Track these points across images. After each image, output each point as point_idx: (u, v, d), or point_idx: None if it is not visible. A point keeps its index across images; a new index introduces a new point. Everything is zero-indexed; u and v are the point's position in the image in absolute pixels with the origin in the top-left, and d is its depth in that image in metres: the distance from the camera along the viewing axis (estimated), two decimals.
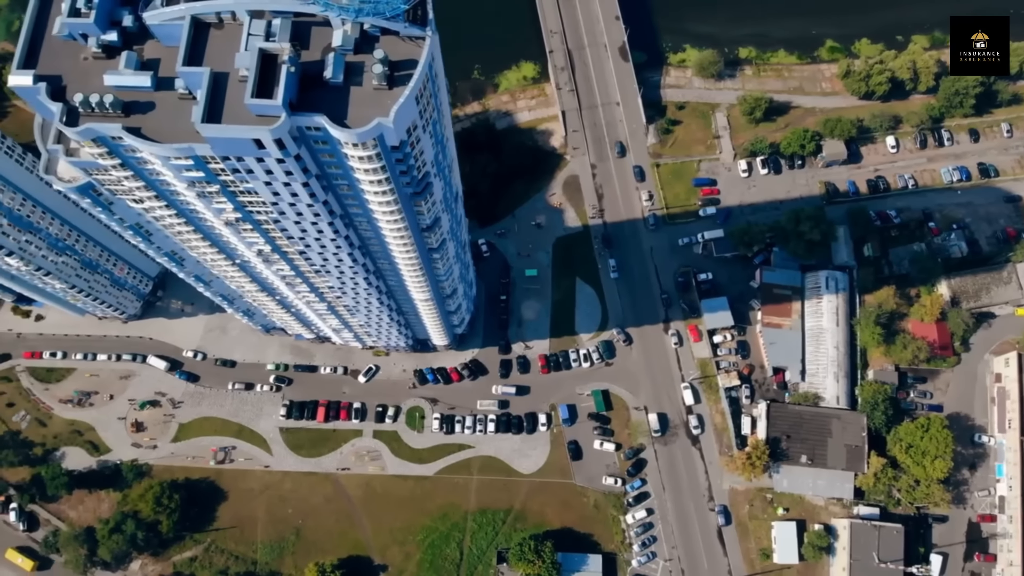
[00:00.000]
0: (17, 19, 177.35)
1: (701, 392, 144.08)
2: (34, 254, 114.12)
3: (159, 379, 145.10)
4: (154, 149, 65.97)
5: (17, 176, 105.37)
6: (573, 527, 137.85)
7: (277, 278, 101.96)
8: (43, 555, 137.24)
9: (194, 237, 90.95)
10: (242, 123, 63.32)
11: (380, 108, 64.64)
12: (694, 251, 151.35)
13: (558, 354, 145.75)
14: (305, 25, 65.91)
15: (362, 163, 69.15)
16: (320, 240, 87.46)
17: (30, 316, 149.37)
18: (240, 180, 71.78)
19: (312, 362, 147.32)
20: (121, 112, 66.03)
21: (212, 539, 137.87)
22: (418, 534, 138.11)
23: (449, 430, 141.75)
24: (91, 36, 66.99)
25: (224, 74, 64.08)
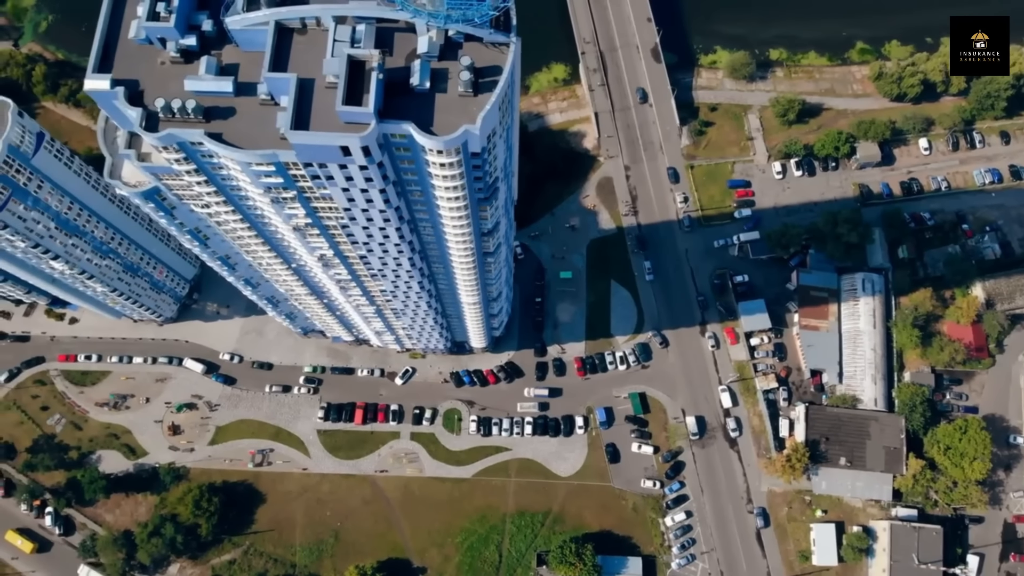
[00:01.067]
0: (44, 20, 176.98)
1: (738, 394, 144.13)
2: (79, 258, 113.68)
3: (195, 382, 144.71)
4: (236, 155, 65.65)
5: (65, 179, 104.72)
6: (612, 530, 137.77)
7: (332, 282, 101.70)
8: (43, 538, 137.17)
9: (255, 242, 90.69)
10: (330, 130, 63.11)
11: (466, 115, 64.42)
12: (730, 253, 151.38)
13: (594, 356, 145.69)
14: (387, 31, 65.64)
15: (442, 170, 68.92)
16: (384, 245, 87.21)
17: (64, 319, 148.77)
18: (318, 186, 71.56)
19: (349, 364, 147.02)
20: (202, 118, 65.80)
21: (250, 542, 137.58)
22: (457, 536, 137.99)
23: (486, 432, 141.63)
24: (169, 40, 66.72)
25: (310, 80, 63.78)
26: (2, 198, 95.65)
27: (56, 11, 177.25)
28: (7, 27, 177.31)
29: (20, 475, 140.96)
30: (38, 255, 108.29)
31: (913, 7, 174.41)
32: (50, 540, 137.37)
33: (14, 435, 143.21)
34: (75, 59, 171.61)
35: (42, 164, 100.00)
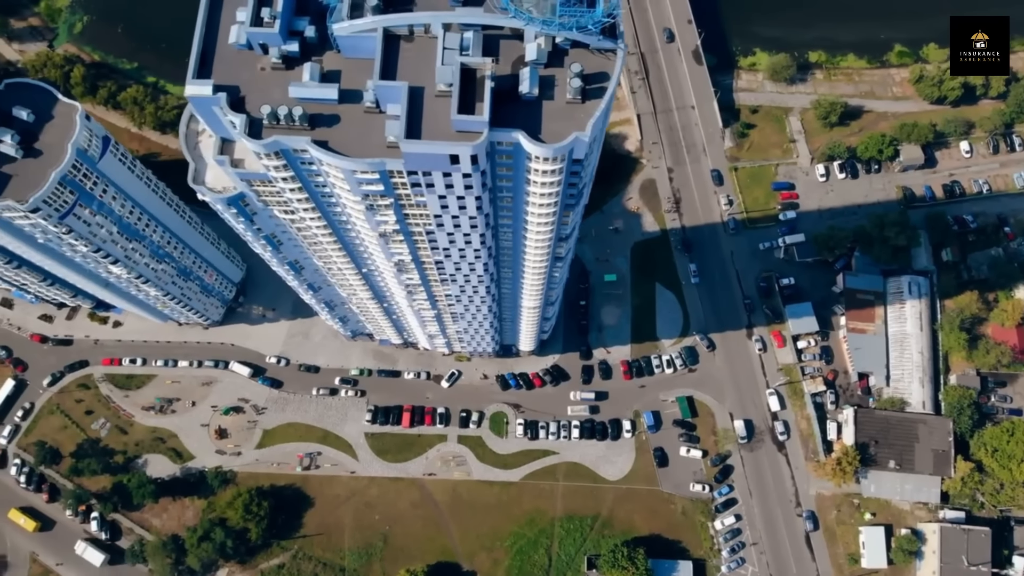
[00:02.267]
0: (78, 20, 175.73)
1: (785, 398, 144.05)
2: (137, 262, 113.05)
3: (242, 385, 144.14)
4: (343, 163, 65.18)
5: (128, 183, 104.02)
6: (661, 534, 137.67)
7: (400, 287, 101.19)
8: (46, 516, 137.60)
9: (332, 247, 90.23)
10: (441, 139, 62.73)
11: (574, 122, 64.01)
12: (775, 255, 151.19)
13: (640, 360, 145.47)
14: (493, 38, 65.28)
15: (543, 176, 68.49)
16: (463, 251, 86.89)
17: (107, 322, 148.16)
18: (416, 194, 71.10)
19: (395, 367, 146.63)
20: (308, 125, 65.36)
21: (299, 546, 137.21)
22: (506, 540, 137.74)
23: (533, 436, 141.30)
24: (271, 46, 66.21)
25: (420, 89, 63.42)
26: (69, 203, 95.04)
27: (91, 12, 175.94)
28: (41, 28, 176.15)
29: (65, 480, 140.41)
30: (98, 259, 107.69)
31: (949, 10, 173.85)
32: (52, 520, 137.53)
33: (58, 440, 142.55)
34: (112, 60, 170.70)
35: (107, 168, 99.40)
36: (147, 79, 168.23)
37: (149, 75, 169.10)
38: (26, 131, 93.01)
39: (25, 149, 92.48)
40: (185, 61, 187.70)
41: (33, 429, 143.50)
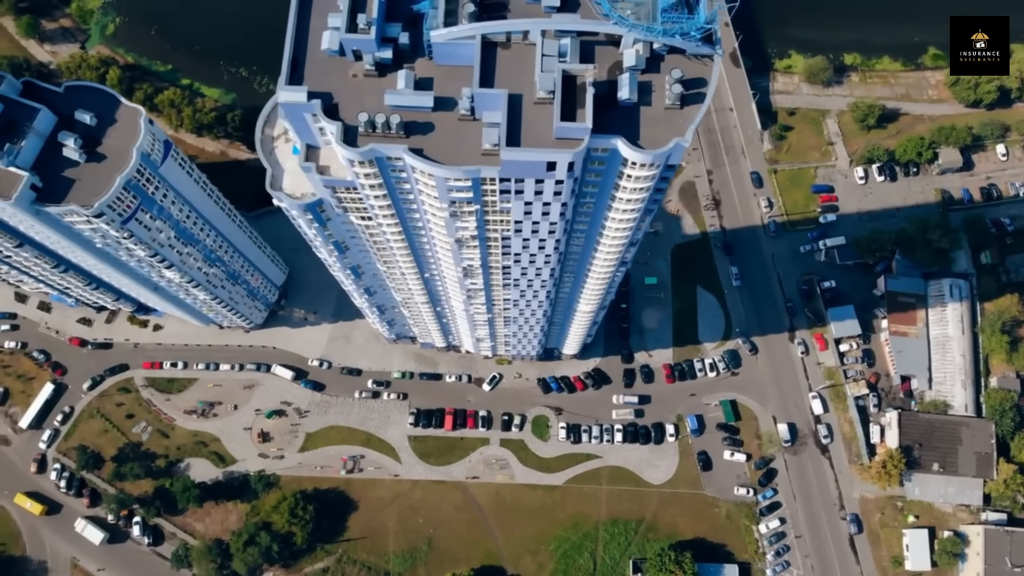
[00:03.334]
0: (111, 22, 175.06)
1: (828, 401, 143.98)
2: (191, 266, 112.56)
3: (284, 388, 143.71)
4: (439, 171, 64.91)
5: (186, 188, 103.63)
6: (706, 537, 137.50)
7: (460, 291, 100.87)
8: (52, 500, 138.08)
9: (401, 253, 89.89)
10: (540, 146, 62.54)
11: (673, 128, 63.85)
12: (816, 258, 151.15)
13: (682, 363, 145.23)
14: (588, 44, 64.99)
15: (635, 183, 68.30)
16: (534, 256, 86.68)
17: (147, 326, 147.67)
18: (504, 200, 70.84)
19: (436, 370, 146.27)
20: (403, 133, 65.08)
21: (343, 550, 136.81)
22: (550, 544, 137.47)
23: (576, 439, 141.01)
24: (365, 53, 65.90)
25: (518, 96, 63.19)
26: (131, 208, 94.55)
27: (123, 13, 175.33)
28: (73, 29, 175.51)
29: (106, 484, 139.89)
30: (153, 264, 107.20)
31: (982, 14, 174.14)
32: (59, 503, 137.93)
33: (98, 444, 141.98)
34: (145, 62, 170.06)
35: (168, 173, 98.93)
36: (181, 81, 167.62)
37: (183, 77, 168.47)
38: (88, 135, 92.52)
39: (88, 153, 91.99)
40: (218, 64, 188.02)
41: (73, 433, 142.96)
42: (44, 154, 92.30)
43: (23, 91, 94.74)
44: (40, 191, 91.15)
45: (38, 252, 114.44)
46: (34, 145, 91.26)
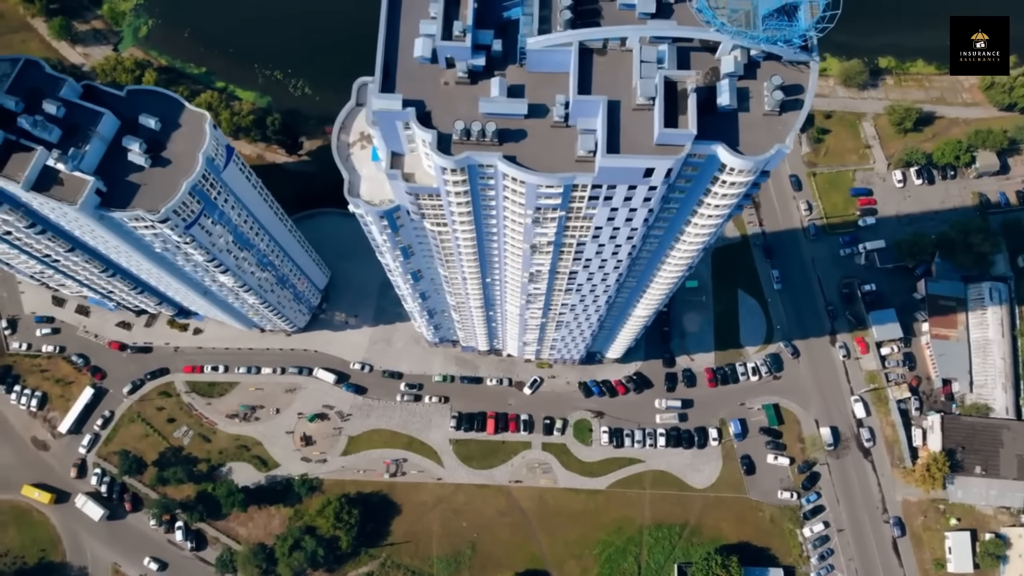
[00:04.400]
0: (143, 24, 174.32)
1: (870, 404, 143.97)
2: (245, 271, 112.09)
3: (325, 392, 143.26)
4: (533, 178, 64.67)
5: (244, 192, 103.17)
6: (750, 541, 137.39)
7: (519, 296, 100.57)
8: (60, 490, 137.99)
9: (469, 258, 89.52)
10: (638, 152, 62.27)
11: (772, 134, 63.65)
12: (856, 261, 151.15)
13: (725, 367, 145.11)
14: (684, 50, 64.85)
15: (729, 188, 68.07)
16: (605, 262, 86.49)
17: (187, 330, 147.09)
18: (590, 206, 70.57)
19: (477, 373, 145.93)
20: (497, 140, 64.85)
21: (387, 554, 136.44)
22: (594, 548, 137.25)
23: (618, 444, 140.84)
24: (459, 61, 65.67)
25: (616, 102, 62.93)
26: (195, 213, 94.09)
27: (156, 15, 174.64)
28: (105, 31, 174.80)
29: (148, 489, 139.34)
30: (209, 268, 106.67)
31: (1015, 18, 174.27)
32: (67, 492, 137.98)
33: (139, 448, 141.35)
34: (179, 65, 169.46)
35: (229, 178, 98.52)
36: (216, 84, 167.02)
37: (218, 80, 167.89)
38: (152, 139, 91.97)
39: (152, 158, 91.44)
40: (253, 66, 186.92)
41: (113, 438, 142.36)
42: (107, 158, 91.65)
43: (83, 94, 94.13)
44: (104, 196, 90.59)
45: (88, 257, 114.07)
46: (98, 149, 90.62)
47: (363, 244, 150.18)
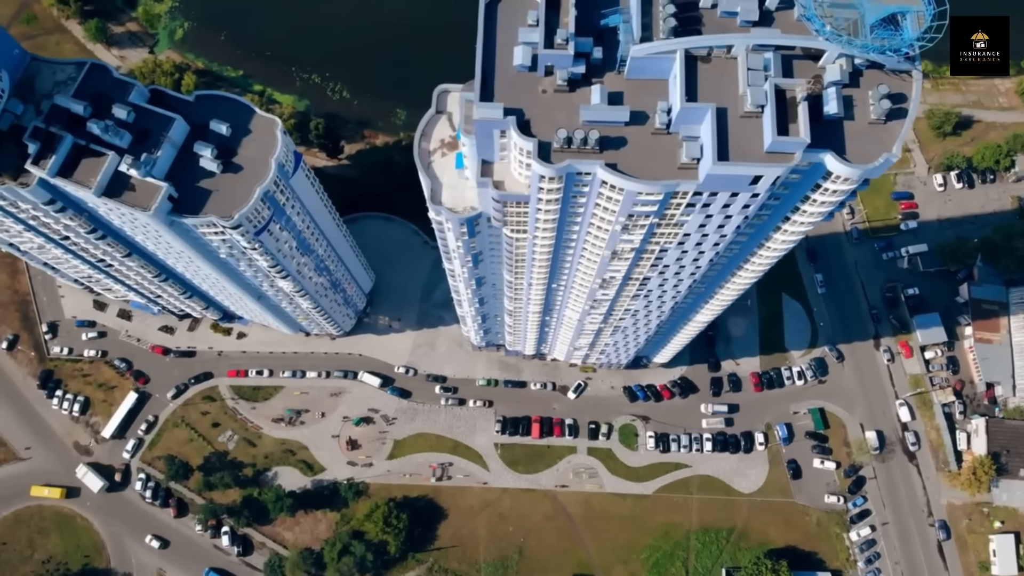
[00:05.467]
0: (179, 27, 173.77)
1: (915, 408, 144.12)
2: (304, 276, 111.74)
3: (370, 395, 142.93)
4: (635, 186, 64.57)
5: (308, 198, 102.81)
6: (798, 545, 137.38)
7: (582, 302, 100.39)
8: (70, 486, 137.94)
9: (542, 264, 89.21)
10: (748, 159, 62.15)
11: (881, 143, 63.73)
12: (898, 265, 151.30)
13: (770, 371, 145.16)
14: (787, 58, 64.77)
15: (831, 196, 68.39)
16: (682, 269, 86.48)
17: (231, 334, 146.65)
18: (685, 213, 70.46)
19: (520, 377, 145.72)
20: (598, 148, 64.72)
21: (434, 559, 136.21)
22: (641, 553, 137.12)
23: (665, 448, 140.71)
24: (559, 68, 65.54)
25: (723, 109, 62.79)
26: (265, 219, 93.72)
27: (191, 18, 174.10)
28: (140, 34, 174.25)
29: (193, 494, 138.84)
30: (270, 274, 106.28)
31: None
32: (77, 488, 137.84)
33: (184, 453, 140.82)
34: (216, 68, 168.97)
35: (296, 183, 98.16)
36: (254, 87, 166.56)
37: (255, 83, 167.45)
38: (223, 145, 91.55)
39: (224, 164, 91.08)
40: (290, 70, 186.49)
41: (157, 443, 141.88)
42: (176, 164, 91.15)
43: (150, 99, 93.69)
44: (175, 201, 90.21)
45: (143, 261, 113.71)
46: (168, 155, 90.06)
47: (405, 248, 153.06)
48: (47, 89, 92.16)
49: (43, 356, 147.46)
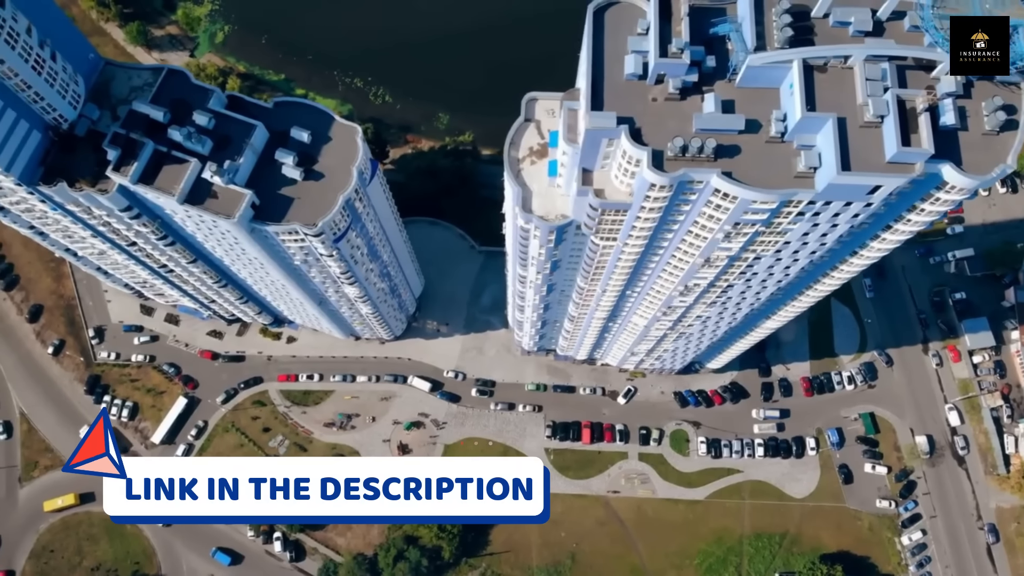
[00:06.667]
0: (219, 30, 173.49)
1: (963, 412, 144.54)
2: (370, 282, 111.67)
3: (420, 400, 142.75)
4: (750, 194, 64.59)
5: (380, 204, 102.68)
6: (850, 550, 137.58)
7: (658, 308, 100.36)
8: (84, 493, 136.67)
9: (622, 271, 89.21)
10: (869, 169, 62.28)
11: (994, 154, 63.89)
12: (945, 269, 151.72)
13: (820, 376, 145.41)
14: (900, 69, 65.06)
15: (940, 206, 68.82)
16: (770, 277, 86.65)
17: (280, 338, 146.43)
18: (795, 222, 70.54)
19: (569, 382, 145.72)
20: (712, 156, 64.84)
21: (487, 564, 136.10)
22: (695, 558, 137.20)
23: (716, 454, 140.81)
24: (672, 77, 65.68)
25: (843, 119, 62.95)
26: (345, 226, 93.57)
27: (231, 22, 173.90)
28: (180, 37, 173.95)
29: None
30: (340, 279, 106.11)
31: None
32: (91, 493, 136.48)
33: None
34: (257, 72, 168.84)
35: (372, 191, 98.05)
36: (296, 91, 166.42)
37: (298, 87, 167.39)
38: (303, 153, 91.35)
39: (305, 171, 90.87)
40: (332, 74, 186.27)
41: (208, 448, 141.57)
42: (256, 171, 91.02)
43: (227, 105, 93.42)
44: (256, 209, 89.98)
45: (207, 267, 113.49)
46: (250, 162, 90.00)
47: (452, 252, 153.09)
48: (123, 94, 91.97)
49: (90, 361, 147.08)
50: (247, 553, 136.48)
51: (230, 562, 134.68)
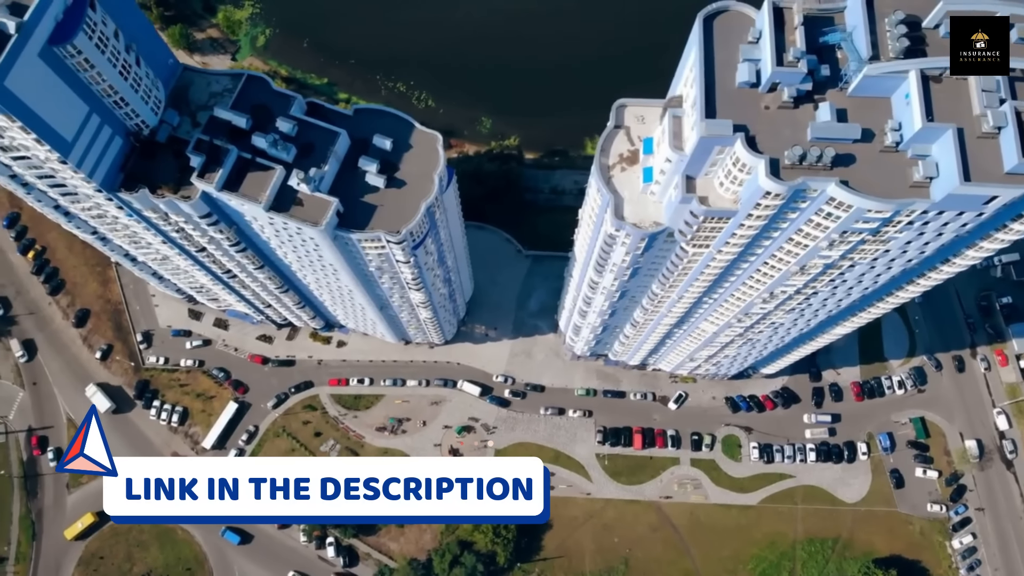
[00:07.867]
0: (261, 34, 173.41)
1: (1011, 416, 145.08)
2: (435, 287, 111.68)
3: (470, 404, 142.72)
4: (867, 203, 64.77)
5: (452, 210, 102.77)
6: (902, 554, 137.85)
7: (733, 315, 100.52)
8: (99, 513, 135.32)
9: (706, 277, 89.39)
10: (985, 180, 62.57)
11: None
12: (991, 274, 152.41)
13: (871, 381, 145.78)
14: (1010, 80, 65.59)
15: None
16: (858, 283, 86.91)
17: (330, 343, 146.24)
18: (902, 231, 70.78)
19: (619, 387, 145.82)
20: (829, 165, 65.08)
21: (540, 569, 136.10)
22: (748, 563, 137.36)
23: (768, 459, 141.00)
24: (786, 86, 65.95)
25: (960, 129, 63.32)
26: (423, 233, 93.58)
27: (272, 25, 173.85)
28: (222, 40, 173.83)
29: None
30: (409, 285, 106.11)
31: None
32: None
33: None
34: (300, 75, 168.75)
35: (447, 198, 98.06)
36: (339, 95, 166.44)
37: (340, 91, 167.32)
38: (385, 160, 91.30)
39: (388, 179, 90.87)
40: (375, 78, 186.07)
41: (259, 453, 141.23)
42: (339, 179, 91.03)
43: (307, 111, 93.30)
44: (340, 216, 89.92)
45: (271, 273, 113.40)
46: (333, 169, 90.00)
47: (499, 257, 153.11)
48: (202, 100, 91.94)
49: (138, 366, 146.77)
50: (296, 557, 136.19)
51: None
